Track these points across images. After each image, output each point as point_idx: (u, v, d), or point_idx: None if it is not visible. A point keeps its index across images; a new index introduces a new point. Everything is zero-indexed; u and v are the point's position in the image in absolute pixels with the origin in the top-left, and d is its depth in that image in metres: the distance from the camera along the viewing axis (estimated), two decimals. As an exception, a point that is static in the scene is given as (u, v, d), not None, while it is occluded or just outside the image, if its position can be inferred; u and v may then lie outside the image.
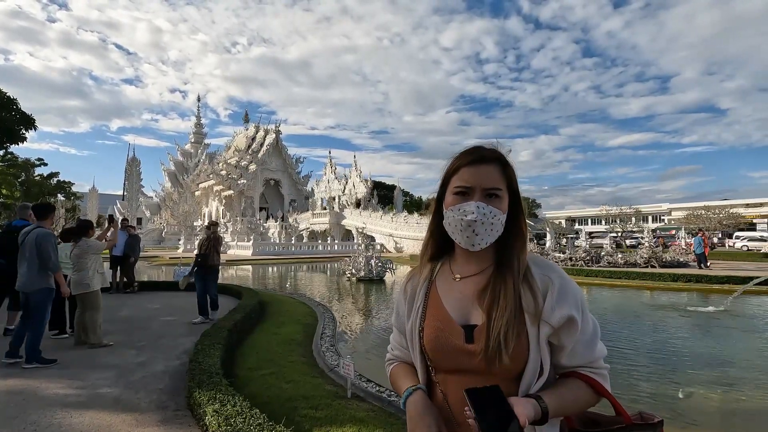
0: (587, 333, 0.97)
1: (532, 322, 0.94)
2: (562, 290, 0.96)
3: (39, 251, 4.73)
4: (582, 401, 0.96)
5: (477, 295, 0.99)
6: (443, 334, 0.99)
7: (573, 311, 0.94)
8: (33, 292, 4.73)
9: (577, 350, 0.96)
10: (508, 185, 1.01)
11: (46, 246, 4.77)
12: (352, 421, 3.22)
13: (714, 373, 5.06)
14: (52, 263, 4.80)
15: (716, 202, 60.24)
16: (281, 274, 19.62)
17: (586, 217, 78.84)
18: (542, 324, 0.94)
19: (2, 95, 22.35)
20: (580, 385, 0.96)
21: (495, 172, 0.99)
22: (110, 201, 64.86)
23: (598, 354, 0.99)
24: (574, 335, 0.95)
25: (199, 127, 69.41)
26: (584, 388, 0.96)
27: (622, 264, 18.25)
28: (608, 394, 0.97)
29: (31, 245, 4.76)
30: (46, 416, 3.36)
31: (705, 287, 12.39)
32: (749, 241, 35.00)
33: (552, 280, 0.97)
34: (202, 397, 3.25)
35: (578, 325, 0.94)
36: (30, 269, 4.74)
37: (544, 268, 1.00)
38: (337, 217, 45.99)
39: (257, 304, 7.91)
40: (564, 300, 0.95)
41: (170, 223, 53.23)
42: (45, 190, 38.18)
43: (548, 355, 0.96)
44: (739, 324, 7.96)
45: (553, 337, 0.96)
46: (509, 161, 1.03)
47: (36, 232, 4.85)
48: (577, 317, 0.94)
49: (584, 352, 0.97)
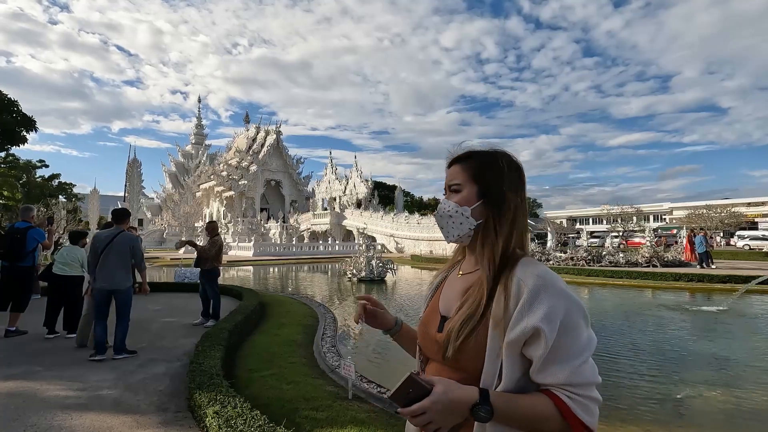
0: (563, 349, 0.85)
1: (494, 324, 0.89)
2: (533, 297, 0.87)
3: (134, 253, 5.22)
4: (542, 420, 0.84)
5: (463, 291, 1.02)
6: (427, 320, 1.07)
7: (540, 323, 0.84)
8: (124, 290, 5.15)
9: (547, 368, 0.85)
10: (472, 176, 1.02)
11: (140, 248, 5.34)
12: (353, 423, 3.20)
13: (716, 373, 5.04)
14: (144, 264, 5.45)
15: (718, 201, 60.07)
16: (282, 274, 19.60)
17: (587, 217, 78.67)
18: (508, 331, 0.87)
19: (3, 97, 22.38)
20: (544, 403, 0.85)
21: (456, 169, 1.05)
22: (111, 202, 64.78)
23: (580, 378, 0.85)
24: (541, 350, 0.84)
25: (200, 128, 69.49)
26: (549, 408, 0.84)
27: (624, 263, 18.22)
28: (577, 423, 0.83)
29: (122, 247, 5.14)
30: (45, 418, 3.35)
31: (707, 287, 12.36)
32: (751, 240, 34.95)
33: (527, 283, 0.89)
34: (202, 398, 3.24)
35: (544, 339, 0.84)
36: (119, 269, 5.12)
37: (526, 272, 0.91)
38: (338, 218, 45.98)
39: (258, 305, 7.90)
40: (533, 310, 0.86)
41: (171, 224, 53.29)
42: (46, 191, 38.18)
43: (513, 364, 0.87)
44: (742, 323, 7.93)
45: (523, 349, 0.87)
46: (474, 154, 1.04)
47: (126, 236, 5.24)
48: (544, 330, 0.83)
49: (557, 371, 0.85)
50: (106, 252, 5.08)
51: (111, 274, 5.06)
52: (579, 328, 0.87)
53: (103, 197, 64.03)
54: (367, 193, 50.28)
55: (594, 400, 0.86)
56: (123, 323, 5.15)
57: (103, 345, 5.02)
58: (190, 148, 67.23)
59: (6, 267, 6.17)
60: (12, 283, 6.14)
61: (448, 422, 0.86)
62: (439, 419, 0.84)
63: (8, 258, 6.13)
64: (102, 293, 5.07)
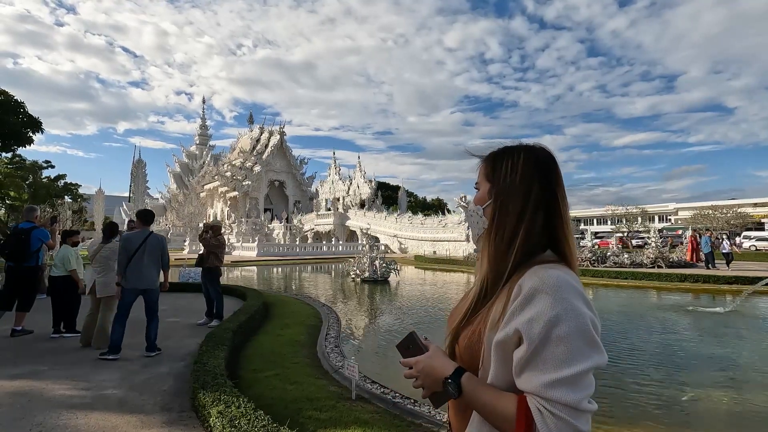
0: (544, 359, 0.77)
1: (490, 326, 0.87)
2: (527, 300, 0.82)
3: (163, 253, 5.37)
4: (497, 416, 0.82)
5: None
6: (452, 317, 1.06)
7: (523, 326, 0.80)
8: (155, 289, 5.33)
9: (523, 372, 0.80)
10: (486, 173, 1.01)
11: (167, 248, 5.50)
12: (357, 423, 3.20)
13: (722, 375, 4.99)
14: (168, 264, 5.59)
15: (723, 202, 59.60)
16: (286, 275, 19.64)
17: (592, 217, 78.29)
18: (498, 332, 0.84)
19: (9, 99, 22.59)
20: (507, 401, 0.81)
21: (480, 167, 1.04)
22: (116, 203, 65.30)
23: (556, 394, 0.75)
24: (518, 353, 0.80)
25: (204, 129, 69.79)
26: (508, 408, 0.80)
27: (629, 264, 18.13)
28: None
29: (155, 247, 5.26)
30: (51, 417, 3.37)
31: (713, 288, 12.27)
32: (758, 241, 34.69)
33: (525, 285, 0.84)
34: (206, 398, 3.25)
35: (525, 343, 0.79)
36: (153, 270, 5.27)
37: (533, 275, 0.85)
38: (342, 218, 46.01)
39: (262, 306, 7.92)
40: (522, 312, 0.82)
41: (176, 224, 53.45)
42: (52, 192, 38.45)
43: (500, 365, 0.85)
44: (748, 325, 7.86)
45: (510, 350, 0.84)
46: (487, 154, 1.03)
47: (157, 237, 5.38)
48: (524, 333, 0.79)
49: (531, 378, 0.78)
50: (140, 253, 5.15)
51: (145, 274, 5.17)
52: (571, 342, 0.77)
53: (108, 198, 64.40)
54: (370, 193, 50.29)
55: (570, 426, 0.74)
56: (155, 321, 5.28)
57: (119, 346, 5.03)
58: (194, 149, 67.54)
59: (11, 267, 6.23)
60: (17, 283, 6.20)
61: (428, 383, 0.93)
62: (422, 378, 0.93)
63: (13, 258, 6.20)
64: (134, 293, 5.15)
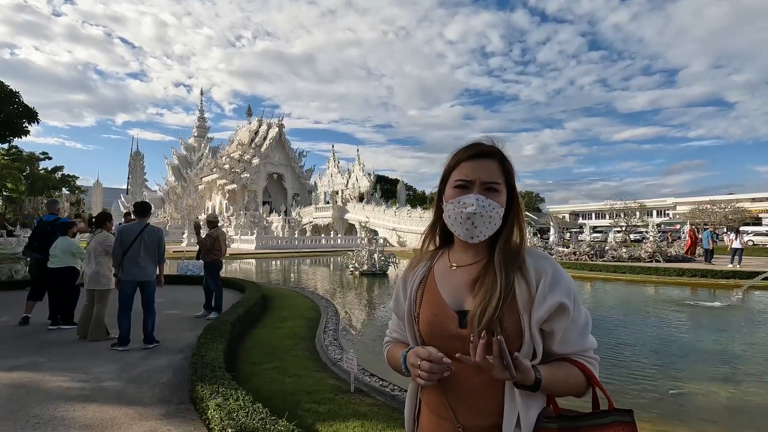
0: (579, 322, 0.99)
1: (524, 309, 0.96)
2: (554, 279, 0.98)
3: (159, 245, 5.34)
4: (572, 384, 0.98)
5: (471, 283, 1.02)
6: (438, 319, 1.02)
7: (564, 299, 0.96)
8: (152, 281, 5.31)
9: (569, 338, 0.98)
10: (506, 180, 1.05)
11: (164, 241, 5.49)
12: (356, 416, 3.20)
13: (719, 369, 5.01)
14: (164, 257, 5.56)
15: (722, 197, 59.61)
16: (284, 267, 19.64)
17: (590, 212, 78.34)
18: (534, 310, 0.96)
19: (4, 88, 22.35)
20: (572, 368, 0.98)
21: (494, 166, 1.03)
22: (114, 195, 65.18)
23: (590, 344, 1.02)
24: (565, 322, 0.97)
25: (203, 121, 69.37)
26: (576, 373, 0.98)
27: (627, 258, 18.17)
28: (598, 383, 0.99)
29: (150, 240, 5.23)
30: (48, 409, 3.36)
31: (710, 282, 12.31)
32: (755, 236, 34.79)
33: (545, 269, 1.00)
34: (204, 391, 3.24)
35: (569, 313, 0.96)
36: (149, 262, 5.24)
37: (538, 258, 1.03)
38: (340, 212, 45.97)
39: (260, 298, 7.91)
40: (556, 288, 0.97)
41: (174, 217, 53.33)
42: (49, 183, 38.33)
43: (540, 342, 0.98)
44: (746, 319, 7.89)
45: (546, 323, 0.97)
46: (507, 157, 1.06)
47: (154, 229, 5.35)
48: (568, 304, 0.96)
49: (576, 341, 1.00)
50: (136, 245, 5.12)
51: (142, 266, 5.15)
52: (580, 304, 1.01)
53: (107, 190, 64.28)
54: (369, 186, 50.25)
55: (597, 361, 1.03)
56: (152, 313, 5.26)
57: (127, 338, 5.08)
58: (192, 141, 67.16)
59: (38, 260, 6.33)
60: (47, 276, 6.23)
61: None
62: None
63: (41, 251, 6.28)
64: (132, 285, 5.15)
